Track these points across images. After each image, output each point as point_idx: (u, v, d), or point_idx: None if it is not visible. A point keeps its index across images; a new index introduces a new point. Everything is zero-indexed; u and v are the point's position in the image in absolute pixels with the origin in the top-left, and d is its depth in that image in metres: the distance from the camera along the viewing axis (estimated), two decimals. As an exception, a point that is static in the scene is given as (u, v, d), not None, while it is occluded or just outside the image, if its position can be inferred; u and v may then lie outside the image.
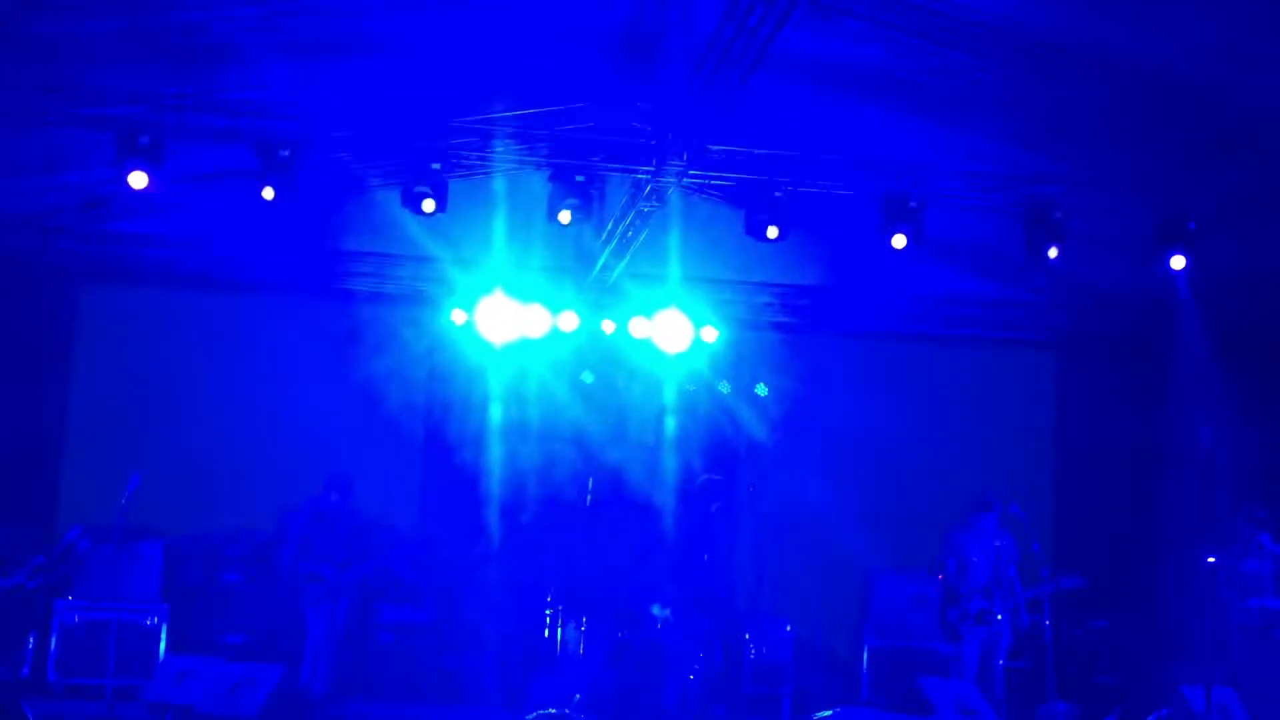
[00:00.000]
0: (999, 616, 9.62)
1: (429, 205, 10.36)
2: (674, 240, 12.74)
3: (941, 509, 11.27)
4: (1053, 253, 10.64)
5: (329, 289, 12.81)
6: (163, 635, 10.44)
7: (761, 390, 10.23)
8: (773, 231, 10.70)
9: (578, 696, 7.85)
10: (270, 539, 11.14)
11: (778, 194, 10.72)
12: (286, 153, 9.99)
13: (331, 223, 12.61)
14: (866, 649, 11.26)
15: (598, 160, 10.69)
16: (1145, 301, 13.71)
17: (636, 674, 8.97)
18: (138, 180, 9.57)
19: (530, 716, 7.45)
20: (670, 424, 13.54)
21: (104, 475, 10.53)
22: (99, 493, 10.24)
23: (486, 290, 13.02)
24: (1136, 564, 13.34)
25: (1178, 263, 10.50)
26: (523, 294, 13.10)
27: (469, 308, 12.97)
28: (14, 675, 10.13)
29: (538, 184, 11.07)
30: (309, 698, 8.20)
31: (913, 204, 10.75)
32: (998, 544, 9.77)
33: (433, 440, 13.15)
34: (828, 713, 8.08)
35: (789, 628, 11.03)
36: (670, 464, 13.47)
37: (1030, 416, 13.76)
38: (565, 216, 10.52)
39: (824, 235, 13.15)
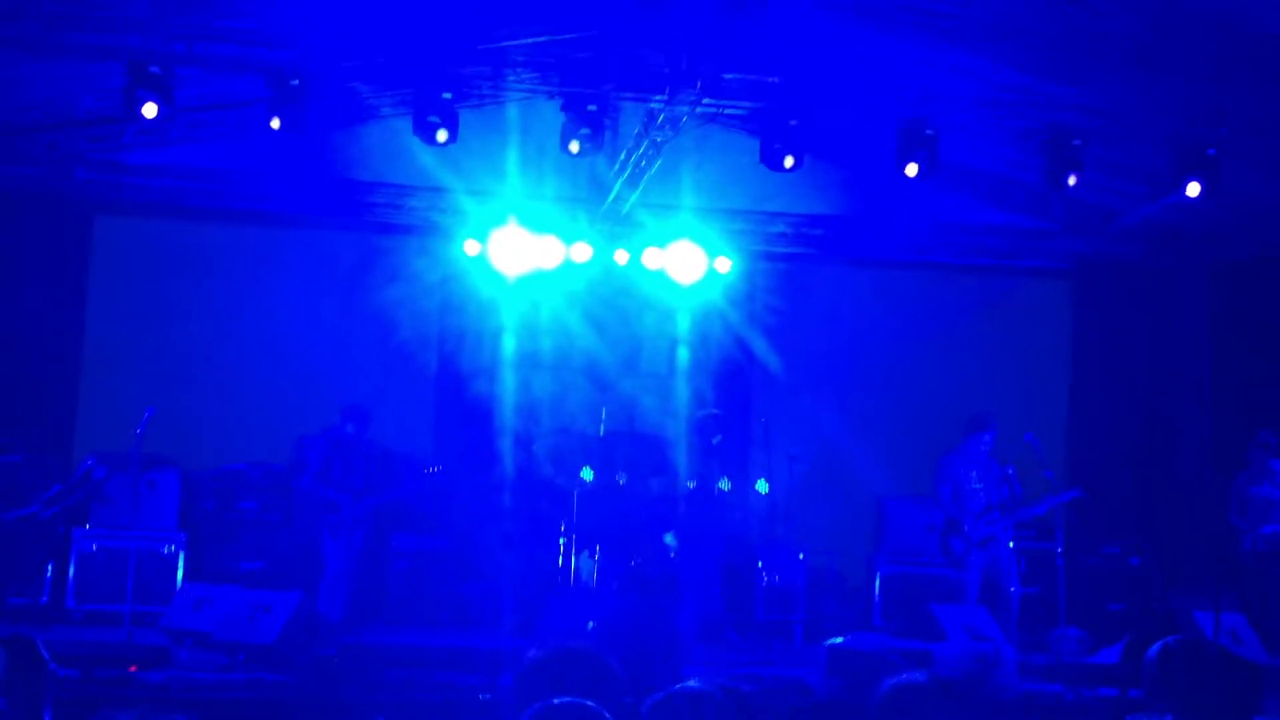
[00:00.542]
0: (1010, 543, 9.60)
1: (441, 135, 10.29)
2: (688, 170, 12.67)
3: (955, 436, 11.26)
4: (1071, 180, 10.55)
5: (342, 220, 12.78)
6: (180, 563, 10.54)
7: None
8: (788, 160, 10.63)
9: (591, 624, 7.91)
10: (286, 468, 11.19)
11: (793, 122, 10.63)
12: (296, 82, 9.93)
13: (343, 153, 12.55)
14: (878, 575, 11.33)
15: (610, 89, 10.59)
16: (1162, 230, 13.63)
17: (649, 602, 9.02)
18: (149, 110, 9.54)
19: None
20: (683, 355, 13.55)
21: (120, 405, 10.59)
22: (115, 423, 10.31)
23: (499, 221, 12.97)
24: (1149, 491, 13.37)
25: (1194, 190, 10.39)
26: (536, 225, 13.06)
27: (482, 238, 12.93)
28: (33, 602, 10.24)
29: (550, 113, 10.98)
30: (325, 624, 8.27)
31: (929, 131, 10.66)
32: (994, 465, 9.72)
33: (446, 371, 13.17)
34: (840, 639, 8.14)
35: (801, 555, 11.08)
36: (683, 394, 13.49)
37: (1045, 345, 13.72)
38: (577, 146, 10.43)
39: (839, 164, 13.05)
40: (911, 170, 10.58)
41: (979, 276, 13.82)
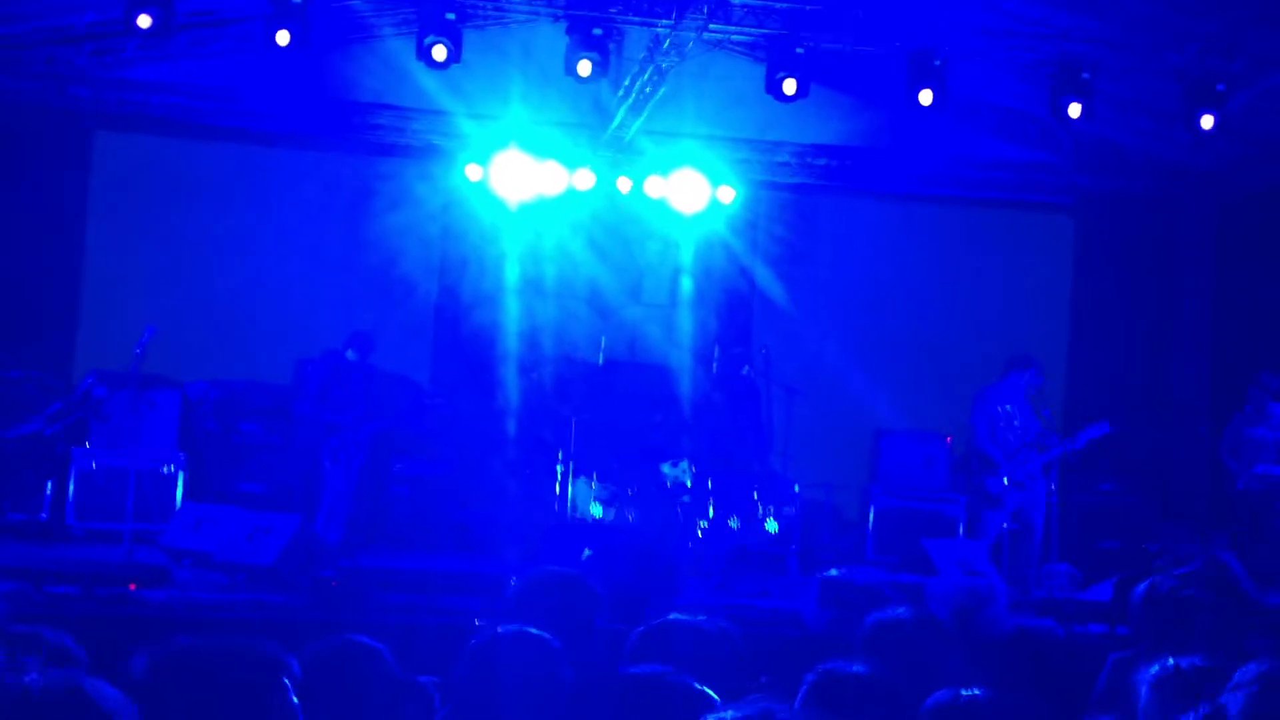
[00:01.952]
0: (1050, 485, 9.47)
1: (442, 55, 10.18)
2: (692, 97, 12.55)
3: (953, 371, 11.30)
4: (1077, 112, 10.45)
5: (343, 142, 12.69)
6: (180, 483, 10.58)
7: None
8: (792, 87, 10.51)
9: (588, 552, 7.97)
10: (287, 391, 11.21)
11: (799, 50, 10.51)
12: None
13: (345, 74, 12.42)
14: (873, 509, 11.39)
15: (615, 12, 10.47)
16: (1168, 165, 13.54)
17: (646, 531, 9.09)
18: (144, 21, 9.43)
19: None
20: (686, 284, 13.52)
21: (120, 323, 10.57)
22: (115, 340, 10.29)
23: (501, 146, 12.88)
24: (1145, 429, 13.40)
25: (1207, 122, 10.28)
26: (538, 150, 12.97)
27: (484, 164, 12.85)
28: (32, 519, 10.30)
29: (554, 36, 10.85)
30: (325, 547, 8.32)
31: (938, 61, 10.55)
32: (1029, 404, 9.61)
33: (446, 297, 13.14)
34: (833, 571, 8.19)
35: (797, 487, 11.14)
36: (685, 324, 13.48)
37: (1047, 280, 13.68)
38: (584, 68, 10.32)
39: (846, 94, 12.92)
40: (925, 98, 10.46)
41: (983, 210, 13.77)
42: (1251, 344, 12.50)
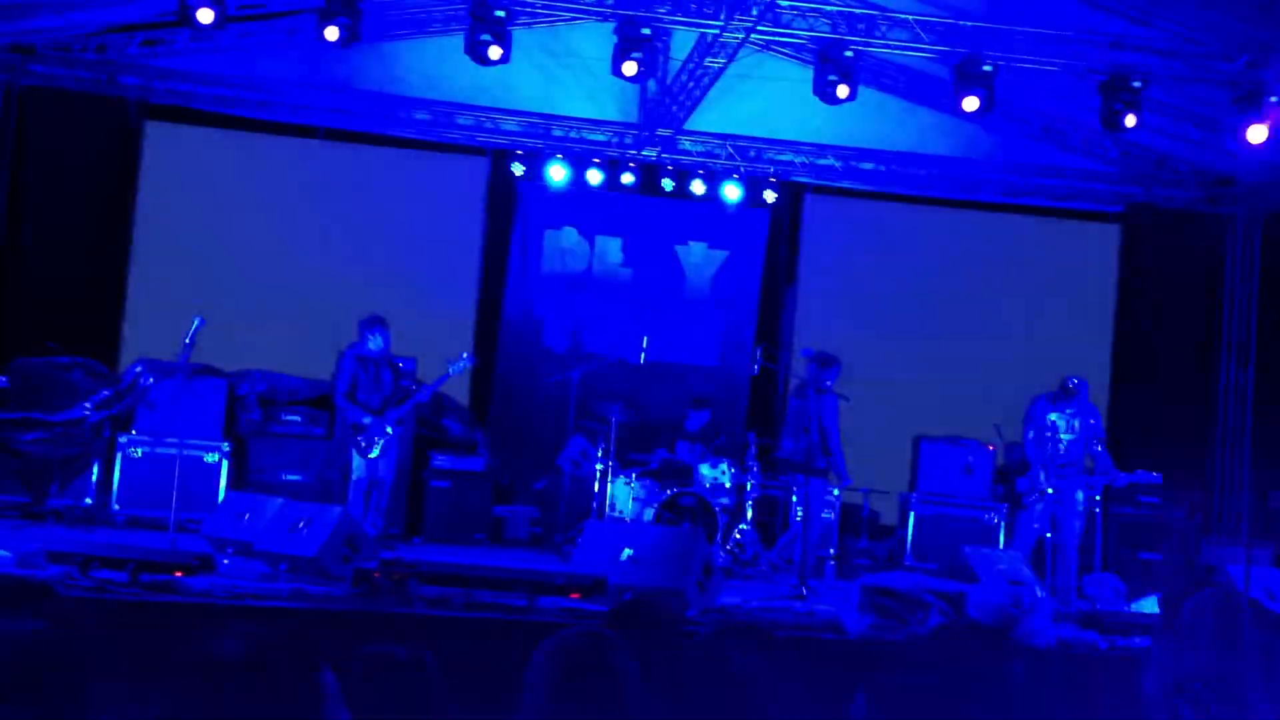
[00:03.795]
0: (1081, 497, 9.42)
1: (493, 52, 10.21)
2: (739, 98, 12.55)
3: (996, 379, 11.23)
4: (1129, 122, 10.39)
5: (390, 135, 12.75)
6: (224, 472, 10.65)
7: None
8: (843, 91, 10.51)
9: (628, 552, 7.97)
10: (329, 383, 11.26)
11: (848, 53, 10.48)
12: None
13: (393, 68, 12.49)
14: (913, 515, 11.34)
15: (664, 12, 10.46)
16: (1216, 176, 13.42)
17: (684, 532, 9.08)
18: (205, 16, 9.53)
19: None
20: (727, 284, 13.50)
21: (167, 313, 10.64)
22: (162, 330, 10.36)
23: (547, 141, 12.92)
24: (1190, 441, 13.29)
25: (1257, 135, 10.19)
26: (584, 147, 13.00)
27: (529, 159, 12.90)
28: (77, 504, 10.39)
29: (602, 35, 10.86)
30: (365, 540, 8.34)
31: (986, 67, 10.50)
32: (1082, 422, 9.53)
33: (488, 292, 13.18)
34: (873, 577, 8.18)
35: (837, 491, 11.11)
36: (726, 324, 13.47)
37: (1092, 289, 13.58)
38: (630, 68, 10.32)
39: (894, 98, 12.88)
40: (971, 105, 10.44)
41: (1029, 217, 13.69)
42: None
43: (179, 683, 2.73)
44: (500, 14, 10.20)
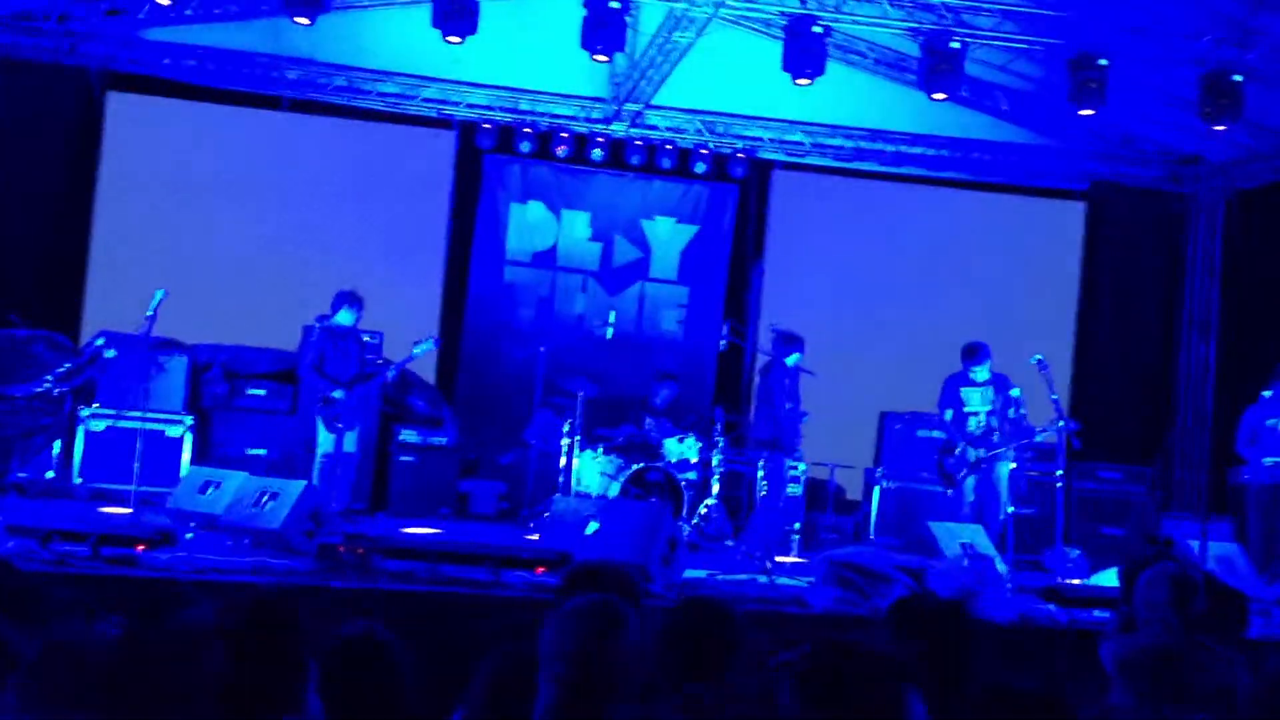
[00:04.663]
0: (1011, 463, 9.59)
1: (459, 25, 10.14)
2: (707, 72, 12.52)
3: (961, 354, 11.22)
4: (1096, 98, 10.42)
5: (354, 108, 12.67)
6: (187, 446, 10.58)
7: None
8: (809, 68, 10.48)
9: (594, 526, 7.99)
10: (294, 356, 11.20)
11: (816, 29, 10.47)
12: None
13: (358, 40, 12.39)
14: (877, 490, 11.41)
15: (633, -14, 10.42)
16: (1182, 155, 13.52)
17: (650, 507, 9.10)
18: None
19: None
20: (695, 260, 13.50)
21: (129, 285, 10.55)
22: (123, 302, 10.27)
23: (514, 115, 12.86)
24: (1153, 417, 13.42)
25: (1219, 113, 10.27)
26: (550, 121, 12.95)
27: (495, 133, 12.84)
28: (39, 477, 10.31)
29: (571, 7, 10.80)
30: (329, 514, 8.32)
31: (953, 44, 10.52)
32: (996, 392, 9.67)
33: (454, 266, 13.12)
34: (837, 551, 8.21)
35: (802, 466, 11.16)
36: (692, 300, 13.47)
37: (1056, 266, 13.66)
38: (599, 41, 10.27)
39: (862, 74, 12.88)
40: (939, 96, 10.53)
41: (995, 194, 13.74)
42: (1257, 333, 12.50)
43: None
44: (468, -14, 10.13)
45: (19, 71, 11.75)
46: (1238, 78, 10.31)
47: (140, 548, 7.20)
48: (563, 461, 10.77)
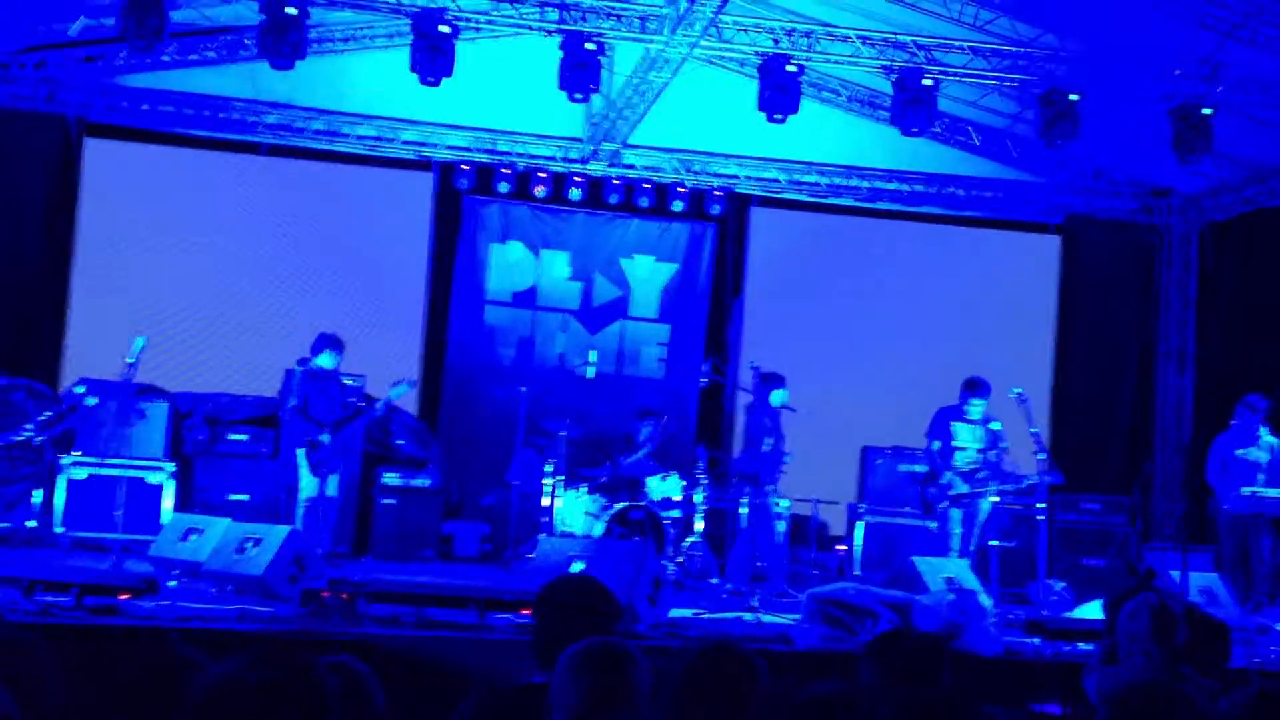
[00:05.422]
0: (994, 497, 9.63)
1: (436, 67, 10.21)
2: (683, 112, 12.61)
3: (941, 389, 11.29)
4: (1065, 133, 10.55)
5: (333, 151, 12.71)
6: (169, 493, 10.52)
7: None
8: (785, 106, 10.59)
9: (579, 565, 7.98)
10: (275, 402, 11.18)
11: (791, 67, 10.58)
12: (294, 10, 9.84)
13: (336, 84, 12.45)
14: (861, 525, 11.42)
15: (609, 27, 10.52)
16: (1154, 188, 13.66)
17: (633, 546, 9.10)
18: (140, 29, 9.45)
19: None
20: (674, 298, 13.54)
21: (109, 332, 10.54)
22: (104, 350, 10.27)
23: (491, 157, 12.93)
24: (1130, 449, 13.49)
25: (1190, 147, 10.40)
26: (528, 162, 13.02)
27: (473, 174, 12.89)
28: (20, 527, 10.24)
29: (547, 49, 10.88)
30: (313, 558, 8.28)
31: (925, 80, 10.64)
32: (986, 427, 9.72)
33: (435, 308, 13.13)
34: (821, 587, 8.21)
35: (786, 503, 11.16)
36: (674, 338, 13.50)
37: (1032, 299, 13.77)
38: (575, 82, 10.36)
39: (836, 112, 13.01)
40: (912, 123, 10.64)
41: (969, 229, 13.86)
42: (1233, 364, 12.61)
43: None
44: (444, 29, 10.21)
45: (-4, 119, 11.77)
46: (1208, 111, 10.45)
47: (124, 596, 7.17)
48: (545, 501, 10.76)
